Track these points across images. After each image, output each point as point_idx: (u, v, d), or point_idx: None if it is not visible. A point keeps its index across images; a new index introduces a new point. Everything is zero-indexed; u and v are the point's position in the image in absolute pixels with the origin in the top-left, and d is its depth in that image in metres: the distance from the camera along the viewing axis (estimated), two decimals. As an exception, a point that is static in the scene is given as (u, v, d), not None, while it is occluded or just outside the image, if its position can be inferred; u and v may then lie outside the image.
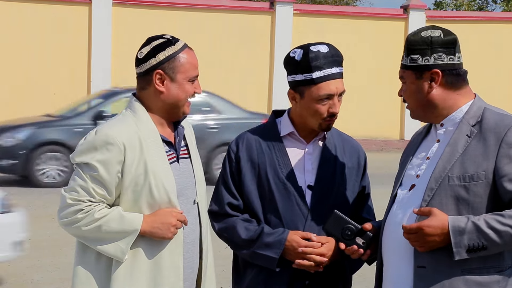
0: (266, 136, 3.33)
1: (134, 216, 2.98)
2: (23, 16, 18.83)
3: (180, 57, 3.03)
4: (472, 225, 2.77)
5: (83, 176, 2.96)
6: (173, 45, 3.04)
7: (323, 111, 3.20)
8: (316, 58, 3.17)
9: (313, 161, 3.28)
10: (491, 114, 2.91)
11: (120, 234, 2.95)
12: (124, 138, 2.96)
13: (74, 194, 2.97)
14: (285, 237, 3.16)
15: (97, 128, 3.03)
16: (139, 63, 3.08)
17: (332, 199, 3.24)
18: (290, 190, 3.23)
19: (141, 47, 3.09)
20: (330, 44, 3.25)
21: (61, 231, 9.79)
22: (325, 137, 3.32)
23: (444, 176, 2.85)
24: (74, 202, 2.96)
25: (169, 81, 3.03)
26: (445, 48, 2.92)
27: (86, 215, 2.95)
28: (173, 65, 3.02)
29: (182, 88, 3.04)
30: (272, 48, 20.84)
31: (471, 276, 2.82)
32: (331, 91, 3.18)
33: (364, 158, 3.40)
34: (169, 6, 20.07)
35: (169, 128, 3.12)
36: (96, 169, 2.94)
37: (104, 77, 19.31)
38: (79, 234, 3.00)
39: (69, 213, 2.98)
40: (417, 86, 2.94)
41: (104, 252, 2.97)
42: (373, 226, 3.09)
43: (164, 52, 3.03)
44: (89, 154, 2.96)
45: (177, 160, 3.11)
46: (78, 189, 2.96)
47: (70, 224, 3.00)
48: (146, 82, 3.07)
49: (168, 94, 3.04)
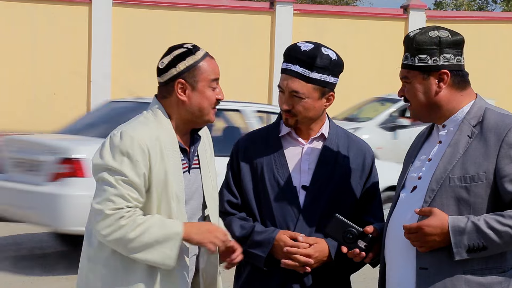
0: (267, 136, 3.34)
1: (174, 221, 2.95)
2: (23, 16, 18.83)
3: (200, 66, 3.02)
4: (472, 225, 2.76)
5: (114, 184, 2.88)
6: (193, 54, 3.03)
7: (279, 103, 3.25)
8: (291, 51, 3.21)
9: (311, 162, 3.28)
10: (492, 114, 2.90)
11: (164, 239, 2.89)
12: (148, 142, 2.93)
13: (110, 204, 2.87)
14: (274, 236, 3.17)
15: (120, 129, 2.97)
16: (161, 73, 3.05)
17: (327, 201, 3.22)
18: (284, 190, 3.23)
19: (162, 56, 3.08)
20: (321, 49, 3.19)
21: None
22: (324, 137, 3.31)
23: (445, 177, 2.85)
24: (114, 211, 2.87)
25: (191, 90, 3.02)
26: (453, 48, 2.91)
27: (129, 221, 2.87)
28: (194, 74, 3.01)
29: (204, 95, 3.03)
30: (272, 48, 20.83)
31: (473, 277, 2.82)
32: (282, 84, 3.21)
33: (371, 159, 3.36)
34: (169, 6, 20.06)
35: (185, 137, 3.10)
36: (126, 174, 2.89)
37: (104, 77, 19.30)
38: (125, 243, 2.88)
39: (111, 223, 2.87)
40: (424, 87, 2.92)
41: (151, 261, 2.90)
42: (375, 228, 3.09)
43: (184, 62, 3.01)
44: (117, 159, 2.90)
45: (189, 170, 3.09)
46: (113, 198, 2.87)
47: (114, 233, 2.87)
48: (168, 92, 3.05)
49: (191, 103, 3.02)
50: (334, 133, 3.32)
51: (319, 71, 3.16)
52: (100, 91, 19.11)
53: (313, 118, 3.24)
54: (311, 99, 3.18)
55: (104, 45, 19.39)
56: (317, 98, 3.19)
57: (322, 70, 3.17)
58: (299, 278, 3.21)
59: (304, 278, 3.21)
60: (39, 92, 18.24)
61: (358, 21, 21.87)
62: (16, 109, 17.42)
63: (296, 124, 3.24)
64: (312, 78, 3.16)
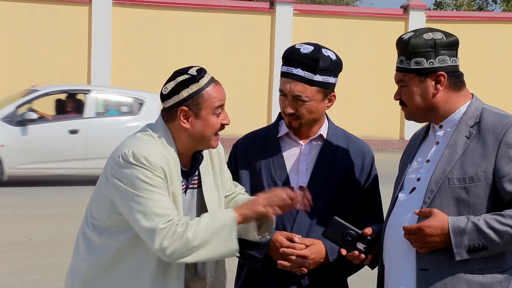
0: (265, 137, 3.34)
1: (223, 210, 2.97)
2: (23, 16, 18.83)
3: (204, 93, 2.98)
4: (472, 225, 2.77)
5: (150, 198, 2.85)
6: (196, 82, 2.98)
7: (281, 106, 3.23)
8: (291, 54, 3.20)
9: (309, 162, 3.27)
10: (489, 114, 2.90)
11: (221, 228, 2.86)
12: (160, 160, 2.91)
13: (158, 218, 2.82)
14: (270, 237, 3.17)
15: (131, 149, 2.92)
16: (164, 99, 3.02)
17: (324, 202, 3.22)
18: None
19: (166, 81, 3.03)
20: (321, 50, 3.19)
21: (61, 231, 9.79)
22: (323, 138, 3.31)
23: (444, 178, 2.85)
24: (166, 224, 2.83)
25: (194, 118, 2.98)
26: (448, 50, 2.91)
27: (184, 226, 2.83)
28: (197, 101, 2.97)
29: (208, 123, 2.99)
30: (272, 48, 20.83)
31: (474, 277, 2.83)
32: (284, 88, 3.19)
33: (370, 160, 3.35)
34: (169, 6, 20.06)
35: (187, 158, 3.08)
36: (154, 185, 2.86)
37: (104, 77, 19.30)
38: (187, 247, 2.83)
39: (169, 235, 2.82)
40: (421, 89, 2.92)
41: (218, 255, 2.88)
42: (374, 230, 3.09)
43: (187, 89, 2.97)
44: (140, 177, 2.86)
45: (185, 191, 3.07)
46: (158, 211, 2.84)
47: (175, 242, 2.82)
48: (171, 117, 3.02)
49: (193, 130, 3.00)
50: (332, 133, 3.32)
51: (321, 73, 3.16)
52: (100, 91, 19.10)
53: (316, 119, 3.24)
54: (314, 102, 3.18)
55: (104, 45, 19.38)
56: (320, 100, 3.19)
57: (324, 72, 3.16)
58: (296, 280, 3.21)
59: (301, 280, 3.21)
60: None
61: (358, 21, 21.87)
62: (16, 109, 17.40)
63: (300, 127, 3.23)
64: (315, 81, 3.15)
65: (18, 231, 9.48)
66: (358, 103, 21.27)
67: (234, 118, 14.80)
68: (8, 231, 9.48)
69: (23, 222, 10.07)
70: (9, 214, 10.63)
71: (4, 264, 7.91)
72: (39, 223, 9.94)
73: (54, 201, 11.56)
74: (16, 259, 8.15)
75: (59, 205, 10.94)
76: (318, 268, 3.18)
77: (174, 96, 2.98)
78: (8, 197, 11.95)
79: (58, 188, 12.92)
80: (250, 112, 20.19)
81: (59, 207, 10.86)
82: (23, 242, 8.92)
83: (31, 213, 10.71)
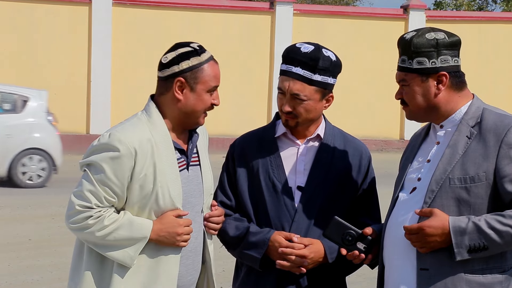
0: (263, 137, 3.33)
1: (143, 222, 2.98)
2: (23, 16, 18.83)
3: (203, 68, 3.00)
4: (473, 225, 2.77)
5: (92, 180, 2.94)
6: (198, 55, 3.01)
7: (278, 104, 3.23)
8: (291, 52, 3.20)
9: (306, 162, 3.27)
10: (490, 114, 2.90)
11: (129, 241, 2.95)
12: (136, 143, 2.94)
13: (81, 201, 2.94)
14: (269, 237, 3.17)
15: (110, 131, 2.99)
16: (162, 68, 3.04)
17: (322, 201, 3.22)
18: (279, 191, 3.23)
19: (167, 51, 3.05)
20: (322, 50, 3.18)
21: (61, 231, 9.80)
22: (320, 137, 3.31)
23: (445, 178, 2.85)
24: (83, 209, 2.94)
25: (189, 91, 3.00)
26: (450, 50, 2.91)
27: (97, 221, 2.93)
28: (195, 75, 2.99)
29: (201, 98, 3.02)
30: (272, 48, 20.83)
31: (474, 277, 2.83)
32: (283, 86, 3.19)
33: (367, 160, 3.34)
34: (169, 6, 20.06)
35: (182, 135, 3.10)
36: (105, 171, 2.92)
37: (104, 77, 19.30)
38: (91, 239, 2.97)
39: (79, 219, 2.95)
40: (423, 89, 2.92)
41: (113, 258, 2.96)
42: (374, 230, 3.09)
43: (188, 61, 2.99)
44: (99, 156, 2.94)
45: (187, 167, 3.09)
46: (87, 194, 2.93)
47: (81, 230, 2.96)
48: (166, 88, 3.04)
49: (186, 103, 3.01)
50: (330, 133, 3.32)
51: (321, 73, 3.16)
52: (100, 91, 19.12)
53: (313, 119, 3.24)
54: (312, 101, 3.18)
55: (104, 45, 19.38)
56: (318, 100, 3.19)
57: (323, 72, 3.16)
58: (295, 280, 3.20)
59: (299, 280, 3.20)
60: (39, 92, 18.18)
61: (358, 21, 21.86)
62: (16, 109, 17.41)
63: (296, 126, 3.23)
64: (314, 80, 3.15)
65: (18, 231, 9.48)
66: (358, 103, 21.27)
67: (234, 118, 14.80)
68: (8, 231, 9.48)
69: (23, 222, 10.07)
70: (9, 214, 10.63)
71: (4, 264, 7.91)
72: (39, 223, 9.93)
73: (54, 201, 11.55)
74: (16, 259, 8.14)
75: (59, 205, 10.93)
76: (316, 268, 3.18)
77: (174, 66, 3.00)
78: (8, 197, 11.95)
79: (58, 188, 12.92)
80: (250, 112, 20.19)
81: (59, 207, 10.85)
82: (23, 242, 8.91)
83: (31, 213, 10.71)
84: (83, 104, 18.96)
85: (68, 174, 13.62)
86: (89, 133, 18.81)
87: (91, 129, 18.92)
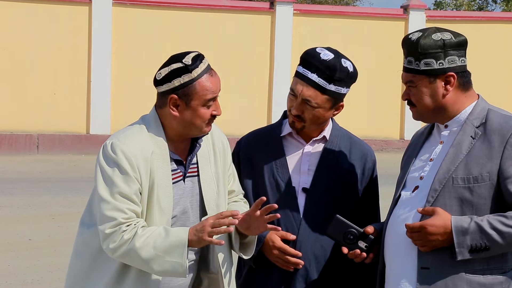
0: (268, 136, 3.33)
1: (178, 228, 2.94)
2: (23, 16, 18.82)
3: (195, 85, 2.95)
4: (475, 225, 2.77)
5: (109, 198, 2.89)
6: (189, 72, 2.94)
7: (288, 104, 3.22)
8: (310, 56, 3.18)
9: (311, 163, 3.27)
10: (495, 115, 2.90)
11: (171, 248, 2.87)
12: (138, 153, 2.92)
13: (107, 222, 2.88)
14: (265, 235, 3.18)
15: (112, 141, 2.96)
16: (157, 84, 3.02)
17: (328, 203, 3.22)
18: (282, 190, 3.24)
19: (162, 65, 3.02)
20: (341, 60, 3.18)
21: (61, 231, 9.79)
22: (326, 139, 3.31)
23: (448, 178, 2.85)
24: (113, 229, 2.88)
25: (184, 107, 2.96)
26: (457, 50, 2.90)
27: (131, 234, 2.87)
28: (188, 92, 2.95)
29: (197, 114, 2.97)
30: (272, 48, 20.82)
31: (475, 277, 2.83)
32: (296, 89, 3.17)
33: (372, 163, 3.35)
34: (169, 6, 20.05)
35: (183, 145, 3.06)
36: (119, 185, 2.89)
37: (104, 77, 19.30)
38: (133, 255, 2.88)
39: (115, 240, 2.88)
40: (431, 90, 2.91)
41: (164, 271, 2.88)
42: (375, 229, 3.09)
43: (179, 79, 2.95)
44: (110, 171, 2.90)
45: (183, 178, 3.06)
46: (109, 214, 2.88)
47: (121, 248, 2.88)
48: (163, 103, 3.01)
49: (182, 118, 2.98)
50: (336, 135, 3.31)
51: (336, 83, 3.15)
52: (100, 91, 19.11)
53: (320, 125, 3.25)
54: (322, 109, 3.18)
55: (104, 45, 19.38)
56: (328, 109, 3.19)
57: (338, 83, 3.16)
58: (295, 280, 3.20)
59: (300, 280, 3.21)
60: (39, 92, 18.22)
61: (358, 21, 21.85)
62: (16, 109, 17.41)
63: (302, 129, 3.23)
64: (328, 90, 3.15)
65: (18, 231, 9.47)
66: (358, 103, 21.25)
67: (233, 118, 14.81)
68: (8, 231, 9.47)
69: (23, 222, 10.06)
70: (9, 214, 10.62)
71: (4, 264, 7.90)
72: (39, 223, 9.92)
73: (54, 201, 11.54)
74: (16, 259, 8.14)
75: (59, 205, 10.93)
76: (322, 270, 3.18)
77: (167, 83, 2.97)
78: (8, 197, 11.94)
79: (58, 188, 12.91)
80: (250, 112, 20.18)
81: (59, 207, 10.84)
82: (23, 242, 8.91)
83: (31, 213, 10.70)
84: (83, 104, 18.95)
85: (68, 174, 13.62)
86: (89, 133, 18.80)
87: (91, 129, 18.91)
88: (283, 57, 17.67)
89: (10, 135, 16.47)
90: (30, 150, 16.43)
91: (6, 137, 16.40)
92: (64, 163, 13.92)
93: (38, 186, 13.35)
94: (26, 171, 14.27)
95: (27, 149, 16.44)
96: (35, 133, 16.84)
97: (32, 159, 15.64)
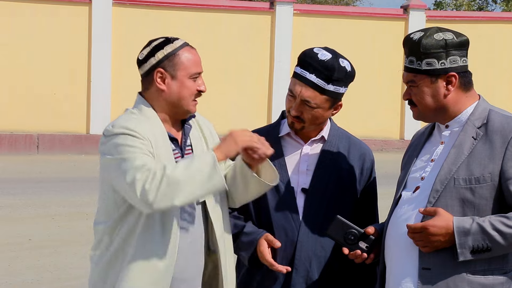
0: (267, 136, 3.33)
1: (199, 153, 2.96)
2: (23, 16, 18.82)
3: (179, 54, 3.01)
4: (477, 226, 2.77)
5: (129, 158, 2.82)
6: (171, 43, 3.04)
7: (287, 105, 3.22)
8: (307, 56, 3.18)
9: (310, 163, 3.27)
10: (496, 116, 2.90)
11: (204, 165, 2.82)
12: (141, 130, 2.90)
13: (135, 170, 2.79)
14: (257, 239, 3.18)
15: (111, 124, 2.94)
16: (140, 64, 3.08)
17: (327, 203, 3.22)
18: (281, 190, 3.23)
19: (142, 49, 3.10)
20: (339, 60, 3.17)
21: (61, 231, 9.77)
22: (324, 139, 3.31)
23: (450, 178, 2.85)
24: (143, 173, 2.79)
25: (170, 79, 3.00)
26: (459, 50, 2.90)
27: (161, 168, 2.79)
28: (173, 62, 3.00)
29: (184, 85, 3.00)
30: (272, 48, 20.81)
31: (476, 278, 2.83)
32: (294, 90, 3.17)
33: (370, 163, 3.35)
34: (169, 6, 20.05)
35: (175, 127, 3.08)
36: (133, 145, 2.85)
37: (104, 77, 19.29)
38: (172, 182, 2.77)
39: (148, 179, 2.78)
40: (433, 90, 2.91)
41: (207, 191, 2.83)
42: (376, 229, 3.08)
43: (162, 50, 3.02)
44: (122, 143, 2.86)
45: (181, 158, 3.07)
46: (135, 164, 2.80)
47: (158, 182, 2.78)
48: (149, 82, 3.04)
49: (170, 92, 3.00)
50: (334, 135, 3.31)
51: (334, 83, 3.16)
52: (100, 91, 19.10)
53: (319, 125, 3.25)
54: (321, 109, 3.18)
55: (104, 45, 19.37)
56: (327, 108, 3.19)
57: (337, 83, 3.16)
58: (294, 280, 3.20)
59: (300, 280, 3.20)
60: (39, 92, 18.23)
61: (358, 21, 21.85)
62: (16, 109, 17.41)
63: (302, 129, 3.23)
64: (326, 90, 3.15)
65: (18, 231, 9.46)
66: (358, 102, 21.25)
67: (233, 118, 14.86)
68: (8, 231, 9.47)
69: (23, 222, 10.06)
70: (9, 214, 10.62)
71: (4, 264, 7.90)
72: (39, 223, 9.92)
73: (54, 201, 11.53)
74: (16, 259, 8.13)
75: (59, 205, 10.92)
76: (322, 271, 3.18)
77: (150, 59, 3.03)
78: (8, 197, 11.94)
79: (58, 188, 12.91)
80: (249, 112, 20.18)
81: (59, 207, 10.83)
82: (23, 242, 8.90)
83: (31, 213, 10.70)
84: (83, 104, 18.94)
85: (68, 174, 13.62)
86: (89, 133, 18.80)
87: (91, 129, 18.91)
88: (283, 57, 17.67)
89: (10, 135, 16.46)
90: (30, 150, 16.43)
91: (6, 137, 16.39)
92: (64, 163, 13.92)
93: (38, 186, 13.34)
94: (26, 171, 14.25)
95: (27, 149, 16.43)
96: (35, 133, 16.83)
97: (32, 159, 15.64)
